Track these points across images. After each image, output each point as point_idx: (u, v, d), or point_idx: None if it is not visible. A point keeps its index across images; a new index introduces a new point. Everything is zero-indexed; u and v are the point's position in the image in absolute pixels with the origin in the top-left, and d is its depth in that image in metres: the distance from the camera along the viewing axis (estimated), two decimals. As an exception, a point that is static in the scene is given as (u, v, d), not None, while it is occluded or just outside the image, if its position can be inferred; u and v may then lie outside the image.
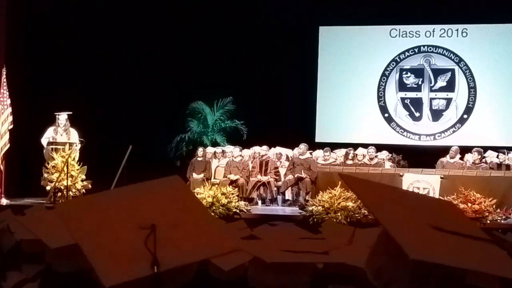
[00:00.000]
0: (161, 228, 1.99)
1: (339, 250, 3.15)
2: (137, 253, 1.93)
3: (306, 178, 13.40)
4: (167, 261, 1.92)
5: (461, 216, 2.68)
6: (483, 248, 1.93)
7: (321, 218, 11.05)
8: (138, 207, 2.10)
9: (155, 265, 1.90)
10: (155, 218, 2.01)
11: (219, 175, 14.07)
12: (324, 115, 17.27)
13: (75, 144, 13.24)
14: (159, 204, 2.14)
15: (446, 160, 13.45)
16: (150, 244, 1.94)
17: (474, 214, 11.05)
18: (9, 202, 12.83)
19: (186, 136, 17.18)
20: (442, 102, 16.85)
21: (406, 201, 2.07)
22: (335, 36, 17.55)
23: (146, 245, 1.93)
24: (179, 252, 1.97)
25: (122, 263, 1.92)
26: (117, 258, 1.93)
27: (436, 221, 1.90)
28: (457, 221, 2.03)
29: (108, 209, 2.12)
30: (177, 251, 1.97)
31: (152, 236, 1.95)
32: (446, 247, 1.80)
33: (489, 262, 1.88)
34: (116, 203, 2.16)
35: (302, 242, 3.32)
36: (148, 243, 1.94)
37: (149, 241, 1.94)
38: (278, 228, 4.35)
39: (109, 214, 2.09)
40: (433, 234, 1.85)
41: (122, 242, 1.97)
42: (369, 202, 2.05)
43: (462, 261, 1.78)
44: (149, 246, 1.93)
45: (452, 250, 1.80)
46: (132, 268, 1.91)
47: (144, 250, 1.93)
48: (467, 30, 16.71)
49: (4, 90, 13.29)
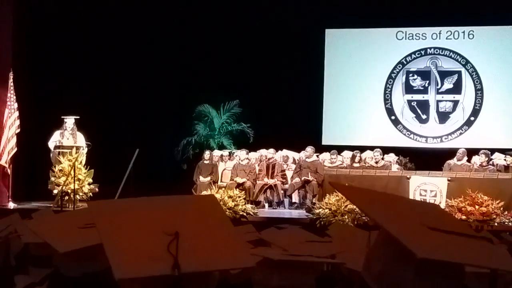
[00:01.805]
0: (184, 236, 2.00)
1: (347, 253, 3.15)
2: (158, 254, 1.94)
3: (313, 181, 13.39)
4: (187, 266, 1.92)
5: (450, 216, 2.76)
6: (477, 245, 1.96)
7: (328, 220, 11.05)
8: (166, 216, 2.12)
9: (176, 267, 1.90)
10: (180, 227, 2.03)
11: (226, 178, 14.08)
12: (331, 117, 17.26)
13: (82, 147, 13.28)
14: (187, 215, 2.16)
15: (453, 163, 13.41)
16: (173, 249, 1.95)
17: (482, 216, 11.03)
18: (16, 206, 12.87)
19: (193, 139, 17.19)
20: (449, 104, 16.82)
21: (397, 205, 2.09)
22: (342, 39, 17.55)
23: (168, 249, 1.94)
24: (200, 259, 1.98)
25: (141, 260, 1.93)
26: (136, 255, 1.94)
27: (428, 222, 1.92)
28: (447, 221, 2.05)
29: (136, 214, 2.14)
30: (199, 258, 1.98)
31: (174, 242, 1.96)
32: (445, 246, 1.82)
33: (486, 257, 1.91)
34: (145, 210, 2.18)
35: (309, 245, 3.32)
36: (171, 248, 1.95)
37: (172, 246, 1.95)
38: (285, 231, 4.34)
39: (137, 218, 2.11)
40: (430, 234, 1.86)
41: (144, 243, 1.99)
42: (364, 207, 2.07)
43: (463, 258, 1.81)
44: (171, 250, 1.95)
45: (451, 248, 1.82)
46: (150, 266, 1.91)
47: (165, 252, 1.94)
48: (473, 32, 16.67)
49: (11, 94, 13.35)
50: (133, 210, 2.17)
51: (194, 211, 2.21)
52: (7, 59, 13.78)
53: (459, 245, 1.86)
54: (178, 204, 2.27)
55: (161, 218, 2.11)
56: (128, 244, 1.98)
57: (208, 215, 2.22)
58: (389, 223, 1.84)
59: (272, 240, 3.61)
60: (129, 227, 2.06)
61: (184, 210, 2.20)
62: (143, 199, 2.26)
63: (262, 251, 2.81)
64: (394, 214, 1.93)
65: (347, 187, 2.13)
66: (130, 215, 2.13)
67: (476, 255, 1.85)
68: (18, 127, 13.40)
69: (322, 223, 11.06)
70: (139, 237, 2.02)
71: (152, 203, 2.27)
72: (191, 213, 2.19)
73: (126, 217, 2.12)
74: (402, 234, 1.77)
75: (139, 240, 2.00)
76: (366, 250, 3.06)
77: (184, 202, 2.30)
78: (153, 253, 1.95)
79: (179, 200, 2.31)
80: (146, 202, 2.29)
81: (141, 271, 1.91)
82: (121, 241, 1.99)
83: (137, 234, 2.03)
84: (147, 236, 2.02)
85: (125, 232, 2.03)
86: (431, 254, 1.71)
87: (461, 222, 2.79)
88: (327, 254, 3.03)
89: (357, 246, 3.37)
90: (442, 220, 2.02)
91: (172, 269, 1.90)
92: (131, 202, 2.33)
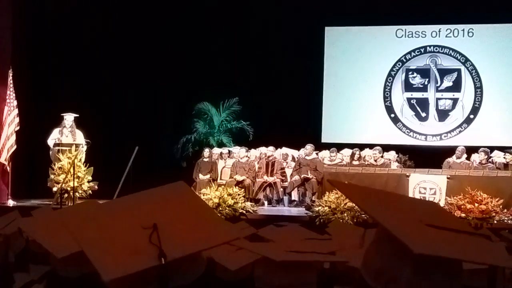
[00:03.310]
0: (163, 226, 1.99)
1: (346, 251, 3.15)
2: (141, 248, 1.93)
3: (312, 179, 13.40)
4: (172, 252, 1.92)
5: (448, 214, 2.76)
6: (475, 241, 1.97)
7: (328, 218, 11.05)
8: (141, 212, 2.11)
9: (162, 256, 1.89)
10: (157, 218, 2.02)
11: (225, 176, 14.07)
12: (330, 115, 17.26)
13: (82, 145, 13.28)
14: (162, 207, 2.16)
15: (453, 160, 13.42)
16: (155, 240, 1.94)
17: (481, 214, 11.03)
18: (16, 203, 12.89)
19: (192, 137, 17.20)
20: (449, 102, 16.82)
21: (395, 202, 2.10)
22: (341, 37, 17.54)
23: (150, 241, 1.93)
24: (184, 244, 1.98)
25: (125, 257, 1.92)
26: (119, 254, 1.93)
27: (426, 219, 1.92)
28: (445, 219, 2.05)
29: (111, 214, 2.14)
30: (182, 243, 1.98)
31: (155, 233, 1.96)
32: (443, 242, 1.82)
33: (483, 253, 1.92)
34: (119, 209, 2.18)
35: (309, 243, 3.32)
36: (152, 239, 1.94)
37: (153, 238, 1.95)
38: (284, 229, 4.34)
39: (112, 218, 2.10)
40: (428, 230, 1.87)
41: (124, 240, 1.98)
42: (362, 204, 2.07)
43: (461, 254, 1.81)
44: (153, 240, 1.94)
45: (449, 244, 1.82)
46: (136, 261, 1.90)
47: (148, 245, 1.92)
48: (473, 30, 16.68)
49: (10, 91, 13.34)
50: (107, 211, 2.17)
51: (169, 201, 2.20)
52: (6, 56, 13.77)
53: (456, 242, 1.86)
54: (150, 197, 2.25)
55: (136, 214, 2.10)
56: (108, 245, 1.96)
57: (181, 201, 2.22)
58: (386, 219, 1.85)
59: (271, 238, 3.61)
60: (105, 228, 2.04)
61: (157, 202, 2.19)
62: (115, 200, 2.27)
63: (264, 250, 2.80)
64: (392, 211, 1.94)
65: (345, 185, 2.13)
66: (104, 216, 2.12)
67: (474, 251, 1.86)
68: (18, 125, 13.40)
69: (321, 221, 11.05)
70: (118, 236, 2.00)
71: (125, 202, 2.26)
72: (166, 204, 2.18)
73: (100, 219, 2.11)
74: (399, 230, 1.78)
75: (119, 239, 1.98)
76: (359, 247, 3.07)
77: (155, 194, 2.28)
78: (136, 248, 1.93)
79: (150, 193, 2.29)
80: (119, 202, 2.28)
81: (128, 268, 1.89)
82: (101, 243, 1.97)
83: (115, 234, 2.01)
84: (126, 233, 2.00)
85: (103, 234, 2.02)
86: (428, 249, 1.71)
87: (459, 220, 2.80)
88: (327, 252, 3.03)
89: (356, 243, 3.37)
90: (440, 218, 2.03)
91: (158, 259, 1.89)
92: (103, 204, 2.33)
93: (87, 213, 2.20)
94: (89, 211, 2.24)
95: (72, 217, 2.17)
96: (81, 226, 2.07)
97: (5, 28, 13.85)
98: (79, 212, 2.23)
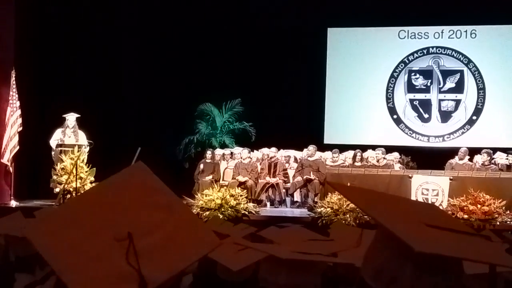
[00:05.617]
0: (137, 235, 1.83)
1: (349, 252, 3.15)
2: (120, 272, 1.77)
3: (314, 180, 13.39)
4: (155, 277, 1.78)
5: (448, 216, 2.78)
6: (475, 241, 1.97)
7: (330, 219, 11.05)
8: (108, 212, 1.93)
9: (143, 285, 1.74)
10: (128, 223, 1.87)
11: (228, 177, 14.08)
12: (333, 116, 17.25)
13: (84, 146, 13.28)
14: (128, 203, 1.98)
15: (455, 162, 13.41)
16: (132, 259, 1.77)
17: (484, 215, 11.02)
18: (18, 204, 12.89)
19: (195, 138, 17.19)
20: (451, 104, 16.81)
21: (395, 203, 2.10)
22: (344, 38, 17.54)
23: (128, 261, 1.78)
24: (166, 262, 1.83)
25: (104, 286, 1.77)
26: (97, 281, 1.77)
27: (427, 220, 1.93)
28: (446, 220, 2.06)
29: (78, 221, 1.93)
30: (163, 262, 1.82)
31: (131, 249, 1.79)
32: (444, 241, 1.82)
33: (484, 253, 1.91)
34: (84, 213, 1.96)
35: (311, 244, 3.32)
36: (130, 258, 1.78)
37: (130, 255, 1.78)
38: (286, 230, 4.34)
39: (81, 228, 1.90)
40: (429, 230, 1.87)
41: (100, 261, 1.80)
42: (362, 205, 2.07)
43: (461, 252, 1.81)
44: (131, 261, 1.77)
45: (450, 243, 1.82)
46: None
47: (126, 267, 1.77)
48: (476, 31, 16.66)
49: (13, 92, 13.36)
50: (74, 218, 1.94)
51: (134, 194, 2.01)
52: (9, 57, 13.79)
53: (457, 241, 1.86)
54: (115, 192, 2.03)
55: (105, 217, 1.91)
56: (85, 269, 1.79)
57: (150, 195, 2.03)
58: (387, 219, 1.85)
59: (273, 239, 3.61)
60: (76, 244, 1.84)
61: (124, 197, 2.00)
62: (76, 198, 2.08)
63: (269, 249, 2.80)
64: (393, 212, 1.94)
65: (345, 187, 2.13)
66: (72, 227, 1.90)
67: (474, 250, 1.86)
68: (20, 125, 13.41)
69: (324, 222, 11.05)
70: (91, 254, 1.82)
71: (88, 201, 2.04)
72: (132, 198, 1.99)
73: (69, 231, 1.89)
74: (399, 229, 1.78)
75: (94, 259, 1.81)
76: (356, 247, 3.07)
77: (118, 186, 2.06)
78: (115, 270, 1.78)
79: (111, 185, 2.07)
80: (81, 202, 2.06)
81: None
82: (76, 266, 1.79)
83: (88, 251, 1.82)
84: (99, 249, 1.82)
85: (74, 251, 1.83)
86: (429, 248, 1.71)
87: (459, 221, 2.82)
88: (329, 252, 3.03)
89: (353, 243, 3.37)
90: (441, 219, 2.03)
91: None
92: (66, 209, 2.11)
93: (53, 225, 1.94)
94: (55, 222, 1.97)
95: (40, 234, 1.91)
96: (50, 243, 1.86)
97: (8, 28, 13.87)
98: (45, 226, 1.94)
